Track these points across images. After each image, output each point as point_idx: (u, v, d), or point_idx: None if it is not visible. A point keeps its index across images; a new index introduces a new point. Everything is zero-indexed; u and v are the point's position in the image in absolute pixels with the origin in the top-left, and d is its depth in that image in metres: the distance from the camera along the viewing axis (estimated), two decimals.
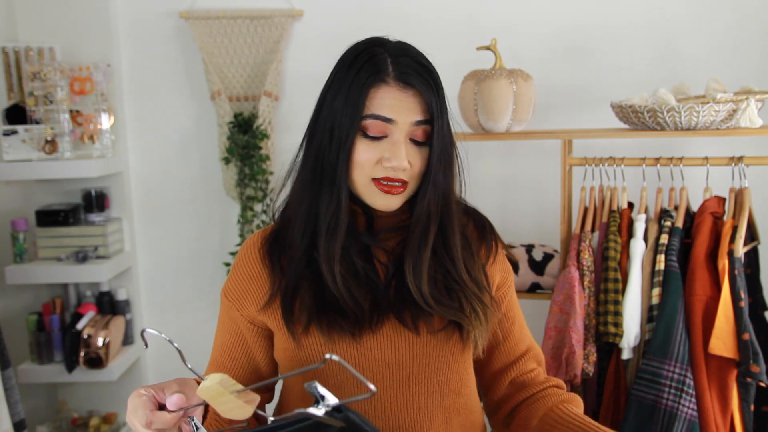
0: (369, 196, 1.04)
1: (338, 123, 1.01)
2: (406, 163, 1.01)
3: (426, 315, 1.05)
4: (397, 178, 1.02)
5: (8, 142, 2.28)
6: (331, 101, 1.03)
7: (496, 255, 1.16)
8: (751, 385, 1.76)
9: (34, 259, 2.42)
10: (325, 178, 1.03)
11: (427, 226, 1.06)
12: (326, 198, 1.03)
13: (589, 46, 2.33)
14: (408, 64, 1.02)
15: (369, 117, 1.00)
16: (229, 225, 2.56)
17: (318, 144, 1.04)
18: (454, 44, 2.37)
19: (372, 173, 1.02)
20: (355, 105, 1.00)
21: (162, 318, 2.66)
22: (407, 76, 1.01)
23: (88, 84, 2.32)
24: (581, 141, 2.20)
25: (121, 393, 2.63)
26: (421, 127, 1.03)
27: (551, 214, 2.33)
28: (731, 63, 2.25)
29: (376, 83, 1.00)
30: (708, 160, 1.84)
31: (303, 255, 1.06)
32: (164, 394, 0.92)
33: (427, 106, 1.02)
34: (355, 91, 1.00)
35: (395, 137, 1.01)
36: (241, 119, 2.45)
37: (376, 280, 1.07)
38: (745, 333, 1.70)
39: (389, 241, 1.10)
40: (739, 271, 1.75)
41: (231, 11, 2.43)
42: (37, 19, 2.45)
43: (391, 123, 1.01)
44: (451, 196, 1.08)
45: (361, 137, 1.01)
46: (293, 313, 1.05)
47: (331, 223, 1.03)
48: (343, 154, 1.01)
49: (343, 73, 1.03)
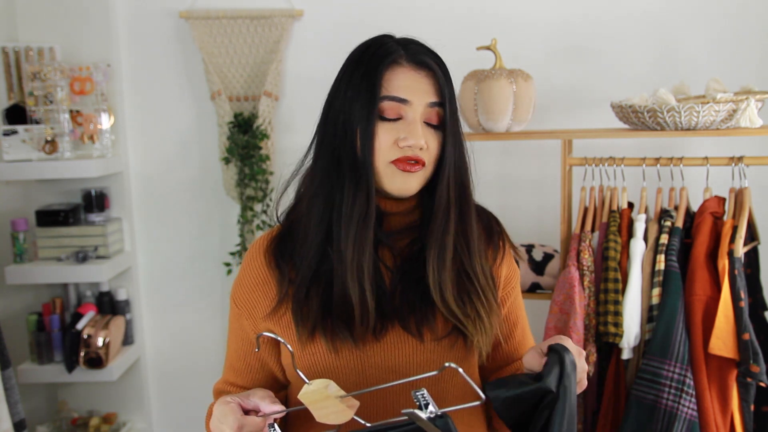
0: (388, 179, 1.04)
1: (355, 111, 1.02)
2: (422, 141, 1.02)
3: (430, 322, 1.04)
4: (415, 156, 1.02)
5: (8, 142, 2.28)
6: (344, 93, 1.03)
7: (503, 256, 1.15)
8: (751, 385, 1.76)
9: (34, 259, 2.42)
10: (346, 169, 1.03)
11: (448, 212, 1.05)
12: (351, 189, 1.02)
13: (589, 46, 2.33)
14: (418, 47, 1.05)
15: (385, 99, 1.02)
16: (229, 225, 2.56)
17: (331, 138, 1.05)
18: (454, 44, 2.37)
19: (389, 156, 1.02)
20: (372, 89, 1.01)
21: (162, 318, 2.66)
22: (419, 56, 1.03)
23: (88, 84, 2.32)
24: (581, 141, 2.20)
25: (121, 393, 2.63)
26: (435, 110, 1.04)
27: (551, 214, 2.33)
28: (731, 63, 2.25)
29: (390, 65, 1.02)
30: (708, 160, 1.84)
31: (316, 252, 1.05)
32: (249, 401, 0.96)
33: (440, 87, 1.04)
34: (370, 75, 1.01)
35: (410, 117, 1.02)
36: (241, 119, 2.45)
37: (381, 285, 1.06)
38: (745, 333, 1.70)
39: (399, 242, 1.09)
40: (739, 271, 1.75)
41: (231, 11, 2.43)
42: (37, 19, 2.45)
43: (407, 104, 1.02)
44: (468, 185, 1.09)
45: (378, 120, 1.02)
46: (303, 315, 1.04)
47: (361, 214, 1.02)
48: (366, 141, 1.01)
49: (353, 66, 1.04)
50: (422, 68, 1.03)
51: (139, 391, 2.64)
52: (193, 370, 2.67)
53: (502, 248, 1.15)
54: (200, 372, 2.66)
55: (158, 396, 2.70)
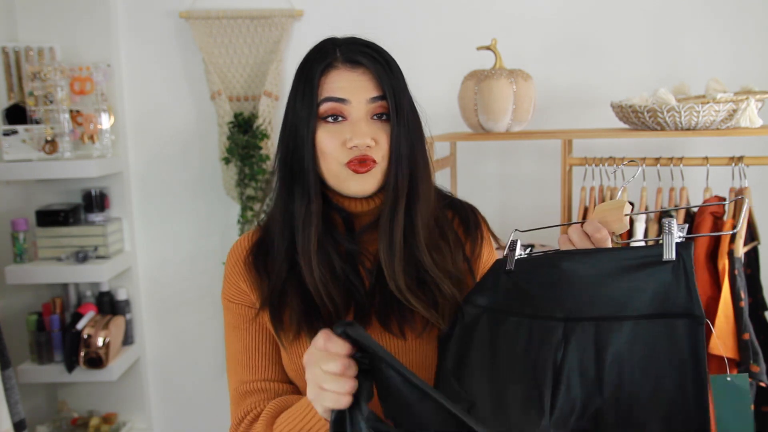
0: (343, 182, 1.03)
1: (299, 119, 1.03)
2: (368, 139, 1.01)
3: (410, 320, 1.04)
4: (363, 156, 1.01)
5: (8, 142, 2.28)
6: (293, 103, 1.04)
7: (482, 245, 1.15)
8: (751, 385, 1.76)
9: (34, 259, 2.42)
10: (296, 175, 1.04)
11: (396, 202, 1.04)
12: (298, 193, 1.04)
13: (589, 46, 2.33)
14: (354, 47, 1.03)
15: (324, 101, 1.01)
16: (229, 225, 2.56)
17: (285, 147, 1.06)
18: (454, 44, 2.37)
19: (340, 159, 1.02)
20: (310, 94, 1.01)
21: (162, 318, 2.66)
22: (353, 55, 1.02)
23: (88, 84, 2.32)
24: (581, 141, 2.20)
25: (121, 393, 2.63)
26: (379, 103, 1.02)
27: (551, 214, 2.33)
28: (731, 63, 2.25)
29: (325, 70, 1.02)
30: (708, 160, 1.84)
31: (285, 258, 1.06)
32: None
33: (379, 82, 1.02)
34: (309, 82, 1.02)
35: (353, 117, 1.02)
36: (241, 119, 2.45)
37: (358, 284, 1.06)
38: (745, 333, 1.70)
39: (372, 243, 1.09)
40: (739, 271, 1.75)
41: (231, 11, 2.43)
42: (37, 19, 2.45)
43: (346, 103, 1.01)
44: (419, 175, 1.06)
45: (322, 124, 1.02)
46: (283, 321, 1.04)
47: (306, 216, 1.03)
48: (308, 144, 1.02)
49: (298, 75, 1.05)
50: (357, 67, 1.02)
51: (139, 391, 2.64)
52: (193, 370, 2.67)
53: (479, 239, 1.15)
54: (200, 372, 2.66)
55: (158, 396, 2.70)
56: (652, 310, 0.84)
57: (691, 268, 0.84)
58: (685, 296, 0.83)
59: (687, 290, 0.83)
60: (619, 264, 0.87)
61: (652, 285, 0.84)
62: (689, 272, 0.83)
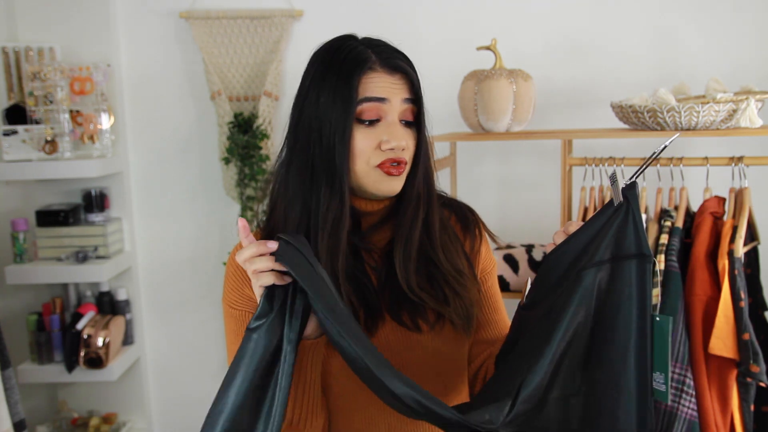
0: (373, 183, 1.04)
1: (329, 118, 1.02)
2: (404, 142, 1.03)
3: (422, 312, 1.07)
4: (398, 158, 1.04)
5: (8, 142, 2.28)
6: (316, 98, 1.03)
7: (480, 243, 1.19)
8: (751, 385, 1.76)
9: (34, 259, 2.42)
10: (321, 176, 1.03)
11: (418, 207, 1.08)
12: (326, 195, 1.03)
13: (589, 46, 2.33)
14: (388, 50, 1.05)
15: (364, 101, 1.02)
16: (229, 225, 2.56)
17: (304, 145, 1.04)
18: (454, 44, 2.37)
19: (373, 160, 1.03)
20: (348, 94, 1.01)
21: (162, 318, 2.66)
22: (392, 60, 1.04)
23: (88, 84, 2.32)
24: (581, 141, 2.20)
25: (121, 393, 2.63)
26: (410, 106, 1.05)
27: (551, 214, 2.33)
28: (731, 63, 2.25)
29: (364, 71, 1.02)
30: (708, 160, 1.84)
31: None
32: None
33: (412, 87, 1.05)
34: (344, 81, 1.01)
35: (389, 118, 1.03)
36: (241, 119, 2.45)
37: (367, 282, 1.07)
38: (745, 333, 1.70)
39: (379, 241, 1.11)
40: (739, 271, 1.75)
41: (231, 11, 2.43)
42: (37, 19, 2.45)
43: (385, 103, 1.02)
44: (432, 178, 1.12)
45: (357, 125, 1.02)
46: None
47: (335, 219, 1.03)
48: (342, 147, 1.01)
49: (323, 69, 1.04)
50: (395, 71, 1.04)
51: (139, 391, 2.64)
52: (193, 370, 2.67)
53: (479, 236, 1.19)
54: (200, 372, 2.66)
55: (158, 396, 2.70)
56: (609, 255, 0.96)
57: (637, 205, 0.95)
58: (633, 234, 0.94)
59: (634, 227, 0.94)
60: (598, 223, 0.99)
61: (611, 231, 0.96)
62: (635, 210, 0.95)
